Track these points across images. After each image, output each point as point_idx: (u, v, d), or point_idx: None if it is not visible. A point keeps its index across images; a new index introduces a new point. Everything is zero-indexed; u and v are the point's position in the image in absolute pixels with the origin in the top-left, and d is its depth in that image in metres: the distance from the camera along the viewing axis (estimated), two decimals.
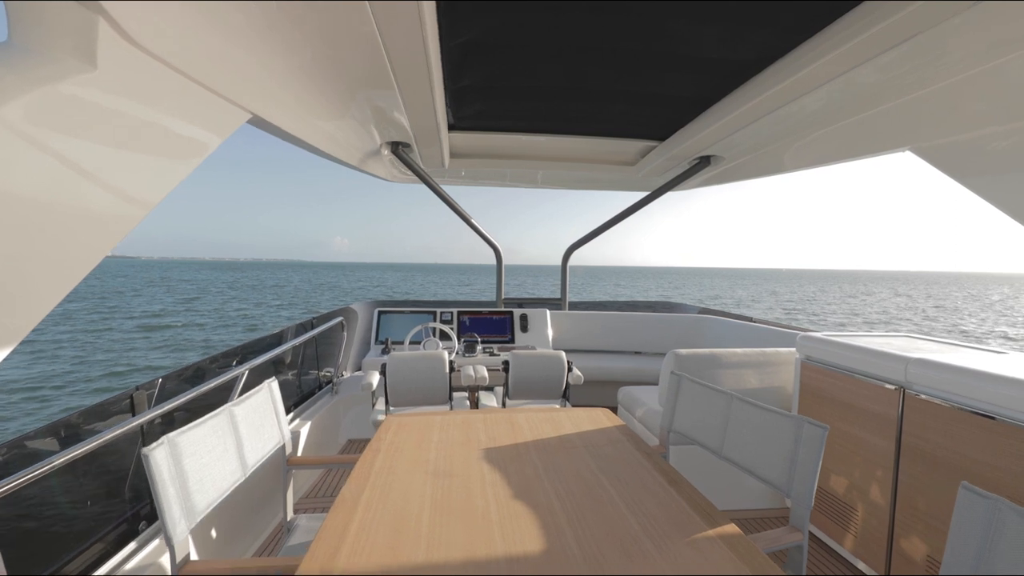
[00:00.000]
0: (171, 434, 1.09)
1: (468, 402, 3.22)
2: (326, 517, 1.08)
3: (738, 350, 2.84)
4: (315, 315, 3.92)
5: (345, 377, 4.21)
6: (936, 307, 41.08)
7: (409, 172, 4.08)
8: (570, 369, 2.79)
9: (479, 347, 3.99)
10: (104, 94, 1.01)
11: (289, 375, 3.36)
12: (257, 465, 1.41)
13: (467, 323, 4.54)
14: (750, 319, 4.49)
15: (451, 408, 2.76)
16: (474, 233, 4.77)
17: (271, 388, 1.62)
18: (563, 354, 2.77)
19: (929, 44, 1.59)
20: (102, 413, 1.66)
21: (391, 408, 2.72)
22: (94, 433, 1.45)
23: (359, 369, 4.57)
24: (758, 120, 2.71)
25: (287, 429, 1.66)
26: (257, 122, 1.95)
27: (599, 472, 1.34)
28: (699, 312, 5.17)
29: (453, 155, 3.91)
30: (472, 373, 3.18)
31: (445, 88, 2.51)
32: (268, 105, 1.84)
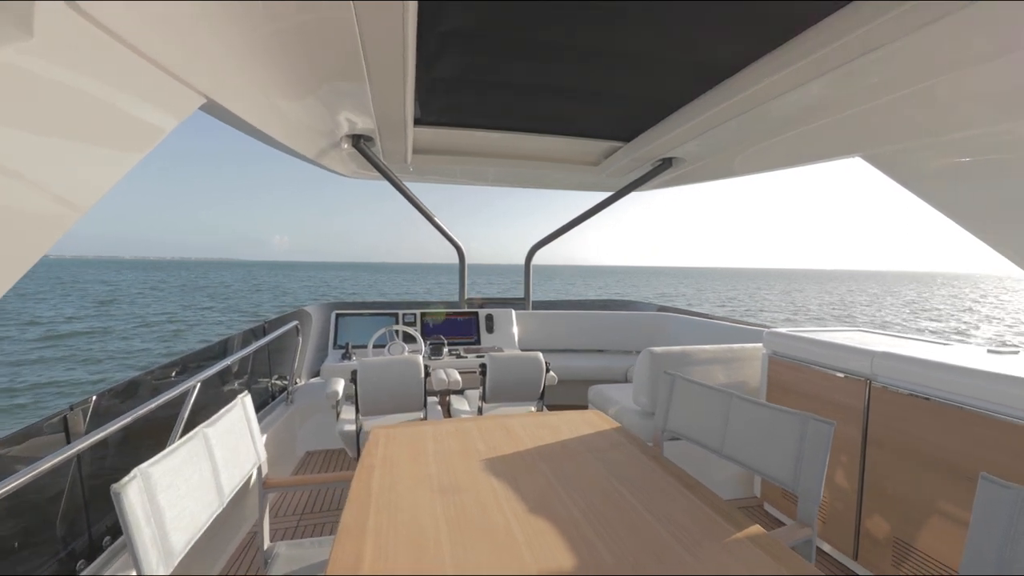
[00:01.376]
0: (143, 466, 0.93)
1: (439, 407, 3.12)
2: (333, 548, 0.96)
3: (708, 347, 2.93)
4: (265, 319, 3.65)
5: (300, 385, 3.96)
6: (865, 303, 45.05)
7: (369, 167, 3.90)
8: (548, 370, 2.76)
9: (445, 349, 3.88)
10: (41, 63, 0.85)
11: (236, 384, 3.10)
12: (235, 492, 1.26)
13: (430, 325, 4.41)
14: (707, 316, 4.67)
15: (425, 414, 2.66)
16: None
17: (244, 404, 1.46)
18: (540, 355, 2.73)
19: (879, 61, 1.73)
20: (26, 438, 1.43)
21: (362, 417, 2.57)
22: (27, 462, 1.23)
23: (316, 376, 4.32)
24: (721, 125, 2.80)
25: (263, 449, 1.50)
26: (211, 108, 1.77)
27: (611, 478, 1.31)
28: (658, 310, 5.33)
29: (416, 151, 3.78)
30: (444, 377, 3.07)
31: (417, 80, 2.41)
32: (226, 90, 1.67)
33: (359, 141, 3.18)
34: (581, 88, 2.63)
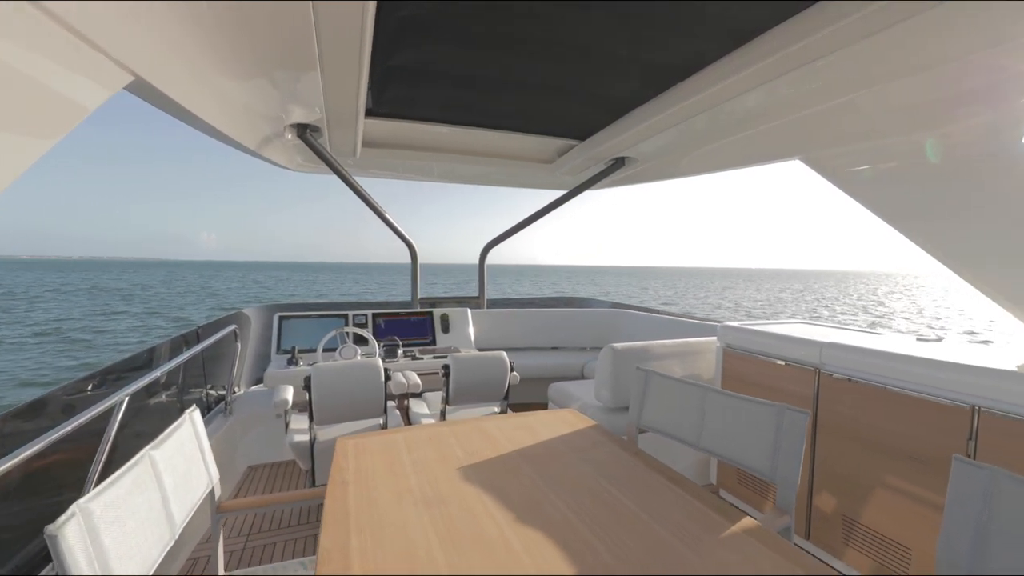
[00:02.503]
0: (82, 501, 0.79)
1: (398, 412, 3.00)
2: None
3: (666, 341, 3.01)
4: (198, 325, 3.33)
5: (240, 394, 3.67)
6: (792, 299, 48.78)
7: (315, 160, 3.69)
8: (512, 369, 2.72)
9: (400, 351, 3.74)
10: None
11: (164, 397, 2.81)
12: (187, 521, 1.11)
13: (383, 326, 4.23)
14: (657, 312, 4.83)
15: (385, 420, 2.53)
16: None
17: (193, 420, 1.30)
18: (504, 355, 2.69)
19: (818, 71, 1.90)
20: None
21: (316, 426, 2.41)
22: None
23: (258, 383, 4.03)
24: (675, 126, 2.90)
25: (215, 469, 1.35)
26: (139, 88, 1.58)
27: (598, 476, 1.29)
28: (611, 307, 5.45)
29: (366, 143, 3.62)
30: (404, 380, 2.95)
31: (372, 68, 2.30)
32: (157, 67, 1.49)
33: (305, 131, 2.99)
34: (539, 85, 2.62)
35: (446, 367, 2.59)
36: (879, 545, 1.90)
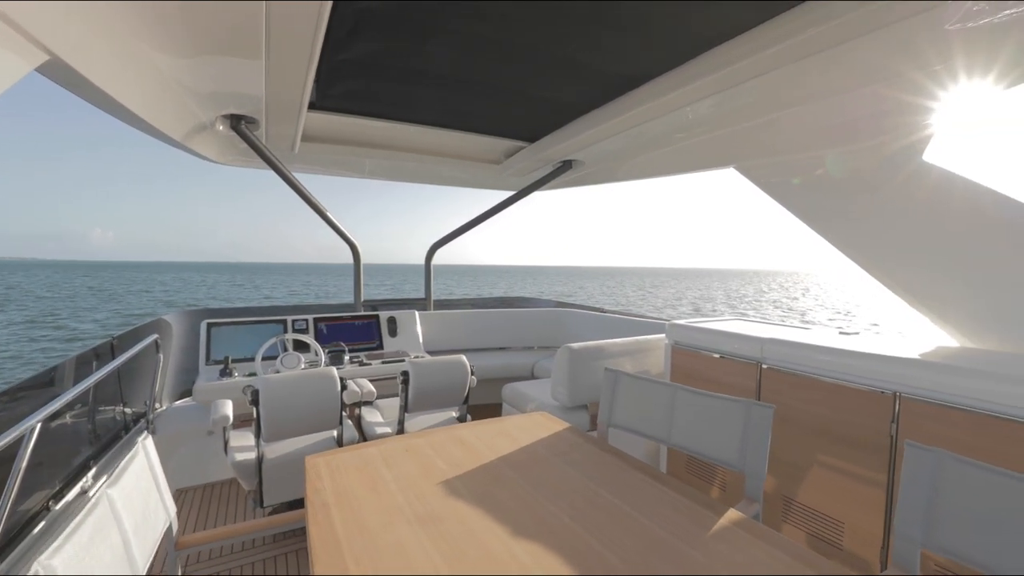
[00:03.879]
0: (43, 558, 0.67)
1: (349, 421, 2.86)
2: None
3: (619, 340, 3.13)
4: (112, 336, 2.97)
5: (162, 410, 3.33)
6: (701, 297, 52.33)
7: (248, 154, 3.42)
8: (472, 373, 2.70)
9: (347, 357, 3.57)
10: None
11: (69, 418, 2.48)
12: (150, 561, 0.99)
13: (325, 331, 4.02)
14: (602, 310, 5.00)
15: (340, 432, 2.41)
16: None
17: (146, 449, 1.16)
18: (464, 359, 2.65)
19: (749, 90, 2.15)
20: None
21: (264, 442, 2.24)
22: None
23: (183, 397, 3.67)
24: (623, 132, 3.03)
25: (172, 502, 1.21)
26: (52, 69, 1.39)
27: (584, 479, 1.31)
28: (556, 306, 5.56)
29: (306, 138, 3.42)
30: (358, 389, 2.83)
31: (321, 59, 2.18)
32: (74, 45, 1.33)
33: (240, 123, 2.77)
34: (491, 85, 2.62)
35: (405, 373, 2.51)
36: (814, 521, 2.10)
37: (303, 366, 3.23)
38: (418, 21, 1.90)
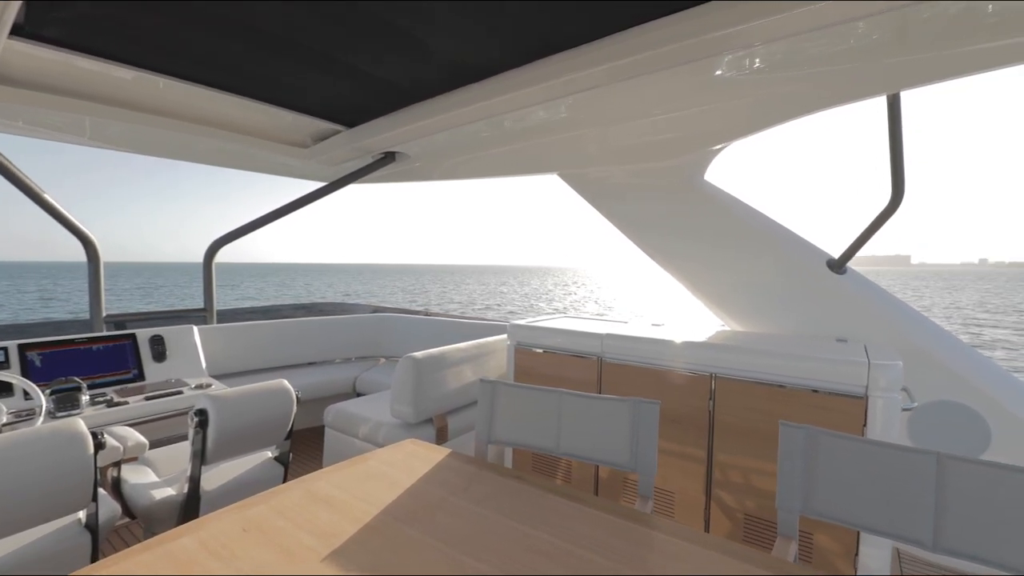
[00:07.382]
0: None
1: (102, 488, 2.01)
2: None
3: (461, 345, 2.99)
4: None
5: None
6: (520, 296, 56.26)
7: None
8: (299, 400, 2.18)
9: (85, 397, 2.51)
10: None
11: None
12: None
13: (39, 363, 2.79)
14: (426, 313, 4.79)
15: (95, 510, 1.65)
16: None
17: None
18: (287, 383, 2.12)
19: (588, 100, 2.34)
20: None
21: None
22: None
23: None
24: (455, 128, 2.92)
25: None
26: None
27: (499, 516, 1.12)
28: (374, 311, 5.10)
29: (7, 80, 2.34)
30: (118, 444, 2.00)
31: None
32: None
33: None
34: (305, 47, 2.17)
35: (202, 412, 1.85)
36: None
37: (3, 420, 2.15)
38: None
